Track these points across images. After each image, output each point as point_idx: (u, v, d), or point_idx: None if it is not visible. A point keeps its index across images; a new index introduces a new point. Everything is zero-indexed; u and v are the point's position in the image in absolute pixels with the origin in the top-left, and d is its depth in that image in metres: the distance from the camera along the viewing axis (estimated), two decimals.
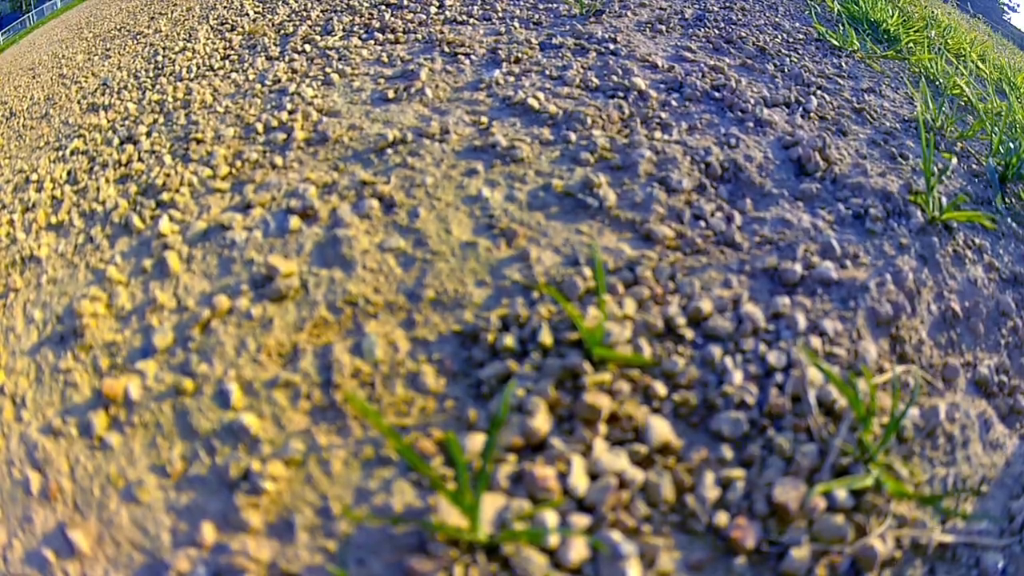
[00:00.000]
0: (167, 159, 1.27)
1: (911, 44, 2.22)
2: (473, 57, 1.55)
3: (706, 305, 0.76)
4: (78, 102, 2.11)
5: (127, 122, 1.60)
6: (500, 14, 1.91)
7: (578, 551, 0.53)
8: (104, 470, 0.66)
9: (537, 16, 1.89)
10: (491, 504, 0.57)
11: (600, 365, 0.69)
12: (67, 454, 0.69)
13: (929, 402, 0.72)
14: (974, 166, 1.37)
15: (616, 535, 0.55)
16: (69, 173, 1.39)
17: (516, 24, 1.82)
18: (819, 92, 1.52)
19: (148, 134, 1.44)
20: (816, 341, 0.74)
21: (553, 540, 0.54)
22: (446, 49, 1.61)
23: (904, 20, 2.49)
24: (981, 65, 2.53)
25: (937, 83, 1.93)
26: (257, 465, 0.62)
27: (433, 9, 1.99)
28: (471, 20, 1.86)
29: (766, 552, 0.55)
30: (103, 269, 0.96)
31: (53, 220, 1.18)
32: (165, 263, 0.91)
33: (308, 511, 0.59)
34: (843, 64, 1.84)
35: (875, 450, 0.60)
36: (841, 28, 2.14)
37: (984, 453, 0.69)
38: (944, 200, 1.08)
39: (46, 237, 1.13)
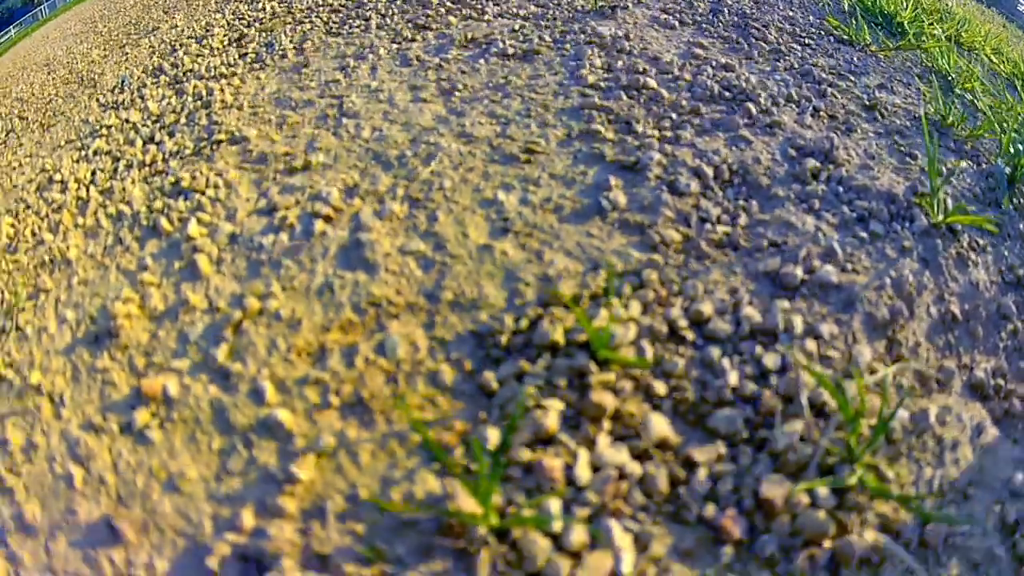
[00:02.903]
0: (191, 160, 1.31)
1: (924, 38, 2.21)
2: (488, 56, 1.57)
3: (707, 308, 0.80)
4: (97, 100, 2.17)
5: (149, 122, 1.65)
6: (514, 11, 1.93)
7: (579, 536, 0.58)
8: (147, 464, 0.72)
9: (551, 12, 1.91)
10: (503, 492, 0.62)
11: (605, 365, 0.74)
12: (109, 449, 0.75)
13: (920, 404, 0.76)
14: (984, 165, 1.38)
15: (613, 522, 0.60)
16: (93, 173, 1.44)
17: (530, 22, 1.84)
18: (830, 89, 1.53)
19: (171, 134, 1.49)
20: (812, 344, 0.77)
21: (557, 526, 0.59)
22: (461, 47, 1.64)
23: (917, 13, 2.47)
24: (995, 59, 2.50)
25: (949, 78, 1.92)
26: (292, 457, 0.68)
27: (448, 6, 2.02)
28: (485, 17, 1.88)
29: (751, 541, 0.60)
30: (134, 271, 1.02)
31: (80, 222, 1.24)
32: (196, 265, 0.97)
33: (339, 498, 0.64)
34: (855, 59, 1.84)
35: (860, 451, 0.64)
36: (855, 22, 2.13)
37: (972, 456, 0.73)
38: (950, 202, 1.10)
39: (74, 238, 1.19)
